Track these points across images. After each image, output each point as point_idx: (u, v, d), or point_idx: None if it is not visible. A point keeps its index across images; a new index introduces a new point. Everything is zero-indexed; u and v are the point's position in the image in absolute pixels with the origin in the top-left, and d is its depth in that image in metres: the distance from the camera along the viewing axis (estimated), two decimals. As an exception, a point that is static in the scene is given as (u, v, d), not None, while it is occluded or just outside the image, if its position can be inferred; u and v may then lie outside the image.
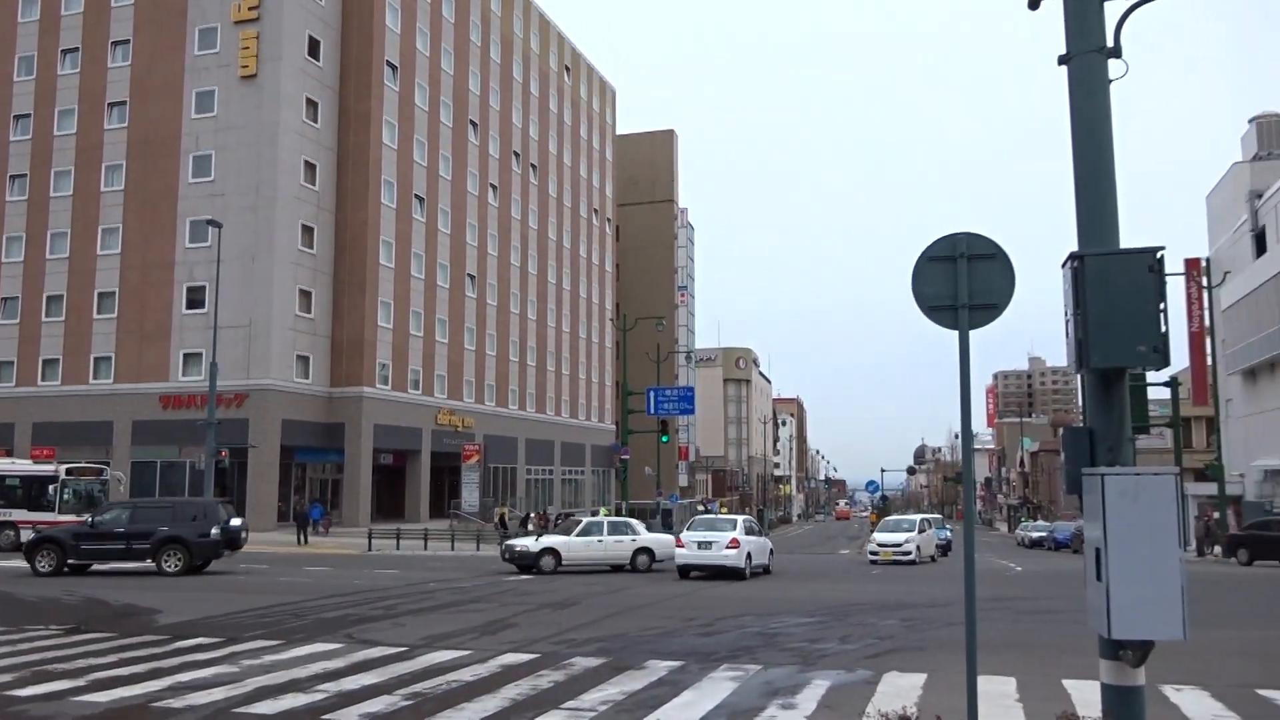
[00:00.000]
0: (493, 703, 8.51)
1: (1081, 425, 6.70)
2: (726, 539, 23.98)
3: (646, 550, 26.19)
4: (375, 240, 46.91)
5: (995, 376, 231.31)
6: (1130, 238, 6.50)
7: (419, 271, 50.52)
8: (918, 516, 37.18)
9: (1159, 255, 6.16)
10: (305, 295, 44.62)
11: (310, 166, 45.16)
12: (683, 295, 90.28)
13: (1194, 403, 49.51)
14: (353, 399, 45.64)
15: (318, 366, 45.28)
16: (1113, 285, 6.08)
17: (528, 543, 25.80)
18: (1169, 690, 8.94)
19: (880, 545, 31.74)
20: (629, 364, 53.48)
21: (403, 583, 21.35)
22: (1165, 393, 39.62)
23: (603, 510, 39.87)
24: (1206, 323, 43.89)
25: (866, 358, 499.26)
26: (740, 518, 26.42)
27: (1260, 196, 51.30)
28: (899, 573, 27.00)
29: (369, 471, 46.40)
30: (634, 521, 27.36)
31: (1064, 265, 6.52)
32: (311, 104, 45.40)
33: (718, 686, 9.34)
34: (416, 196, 50.61)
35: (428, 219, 51.51)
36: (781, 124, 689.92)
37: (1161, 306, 6.08)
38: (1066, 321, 6.54)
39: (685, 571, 24.12)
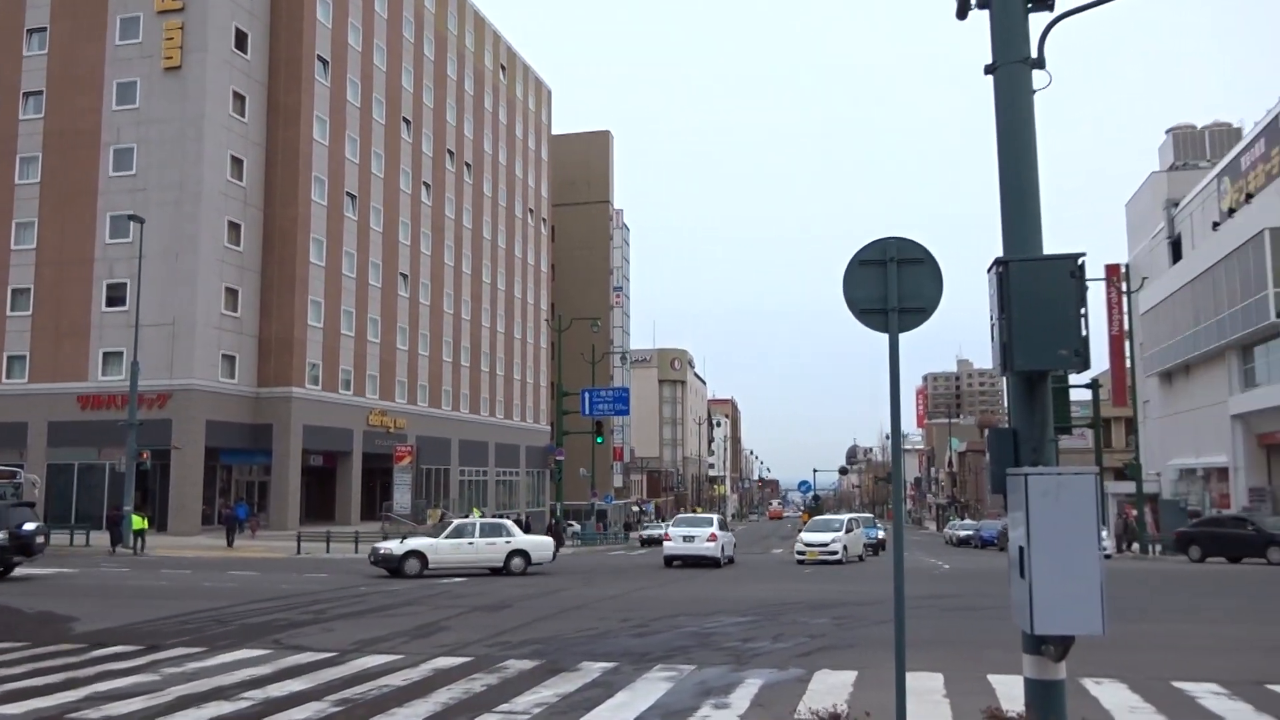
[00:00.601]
0: (424, 707, 8.43)
1: (1006, 427, 6.88)
2: (707, 534, 28.85)
3: (521, 553, 25.28)
4: (305, 238, 46.10)
5: (925, 378, 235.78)
6: (1053, 245, 6.71)
7: (350, 270, 49.78)
8: (845, 516, 37.08)
9: (1080, 261, 6.36)
10: (231, 293, 43.66)
11: (237, 162, 44.21)
12: (618, 296, 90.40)
13: (1114, 404, 51.09)
14: (281, 399, 44.78)
15: (245, 366, 44.33)
16: (1036, 290, 6.25)
17: (392, 545, 24.76)
18: (1089, 683, 9.21)
19: (807, 545, 31.71)
20: (564, 365, 53.41)
21: (332, 586, 21.01)
22: (1087, 394, 40.78)
23: (475, 512, 39.34)
24: (1126, 327, 45.31)
25: (800, 360, 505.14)
26: (715, 516, 31.94)
27: (1177, 205, 53.17)
28: (829, 572, 27.35)
29: (298, 473, 45.57)
30: (508, 523, 26.37)
31: (990, 270, 6.69)
32: (239, 97, 44.45)
33: (652, 687, 9.37)
34: (348, 194, 49.86)
35: (359, 217, 50.78)
36: (718, 129, 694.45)
37: (1082, 311, 6.27)
38: (992, 325, 6.71)
39: (670, 561, 28.69)
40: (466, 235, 62.85)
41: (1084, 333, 6.21)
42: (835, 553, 31.29)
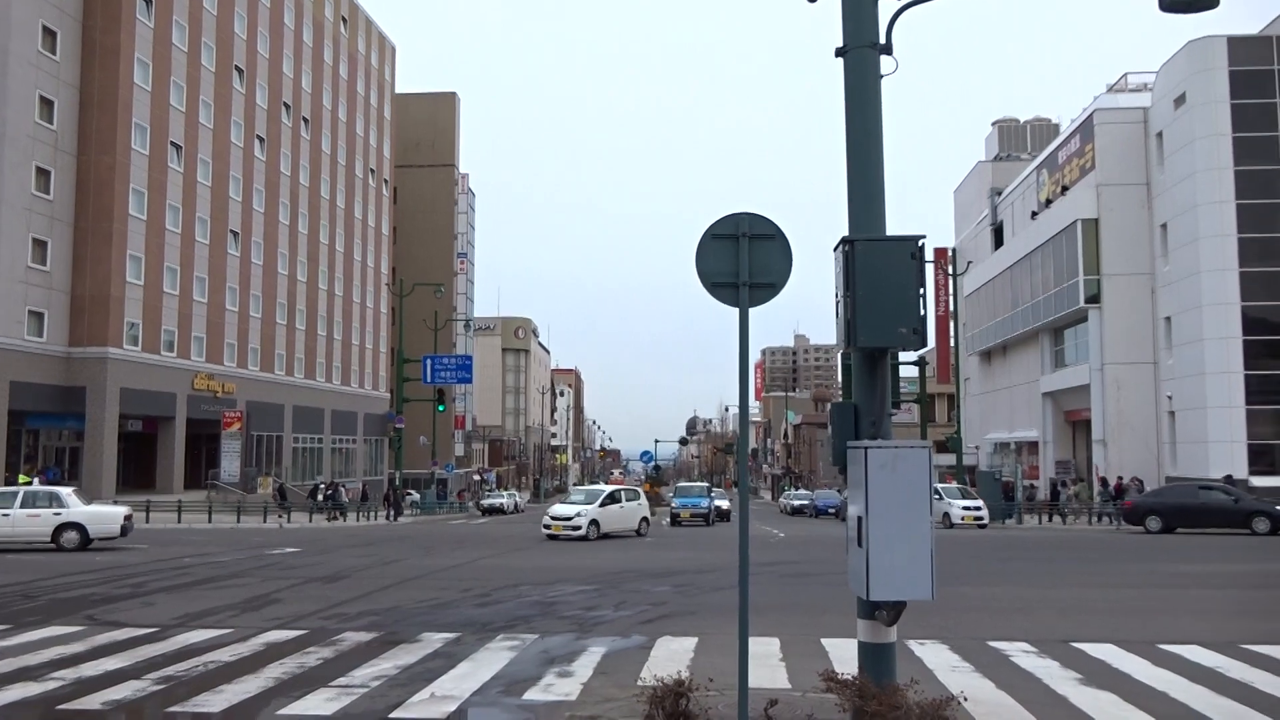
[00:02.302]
0: (255, 683, 8.13)
1: (847, 401, 7.14)
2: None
3: (76, 526, 22.34)
4: (124, 188, 43.18)
5: (764, 352, 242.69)
6: (889, 228, 6.96)
7: (174, 225, 46.98)
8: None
9: (920, 244, 6.63)
10: (40, 245, 40.51)
11: (47, 103, 40.90)
12: (462, 263, 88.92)
13: (938, 381, 53.98)
14: (96, 360, 41.99)
15: (54, 324, 41.30)
16: (879, 270, 6.49)
17: None
18: (913, 645, 9.74)
19: (554, 519, 28.48)
20: (405, 331, 52.18)
21: (152, 559, 19.95)
22: (914, 371, 42.90)
23: (21, 478, 35.82)
24: (951, 308, 47.82)
25: (643, 332, 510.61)
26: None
27: (1000, 194, 56.42)
28: (667, 539, 27.93)
29: (114, 439, 42.91)
30: (62, 491, 23.31)
31: (836, 249, 6.90)
32: (49, 33, 41.05)
33: (495, 657, 9.34)
34: (173, 144, 46.95)
35: (185, 169, 47.92)
36: (566, 98, 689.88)
37: (921, 291, 6.56)
38: (837, 302, 6.93)
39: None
40: (303, 193, 60.32)
41: (922, 312, 6.50)
42: (579, 527, 28.39)
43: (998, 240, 55.56)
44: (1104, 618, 12.14)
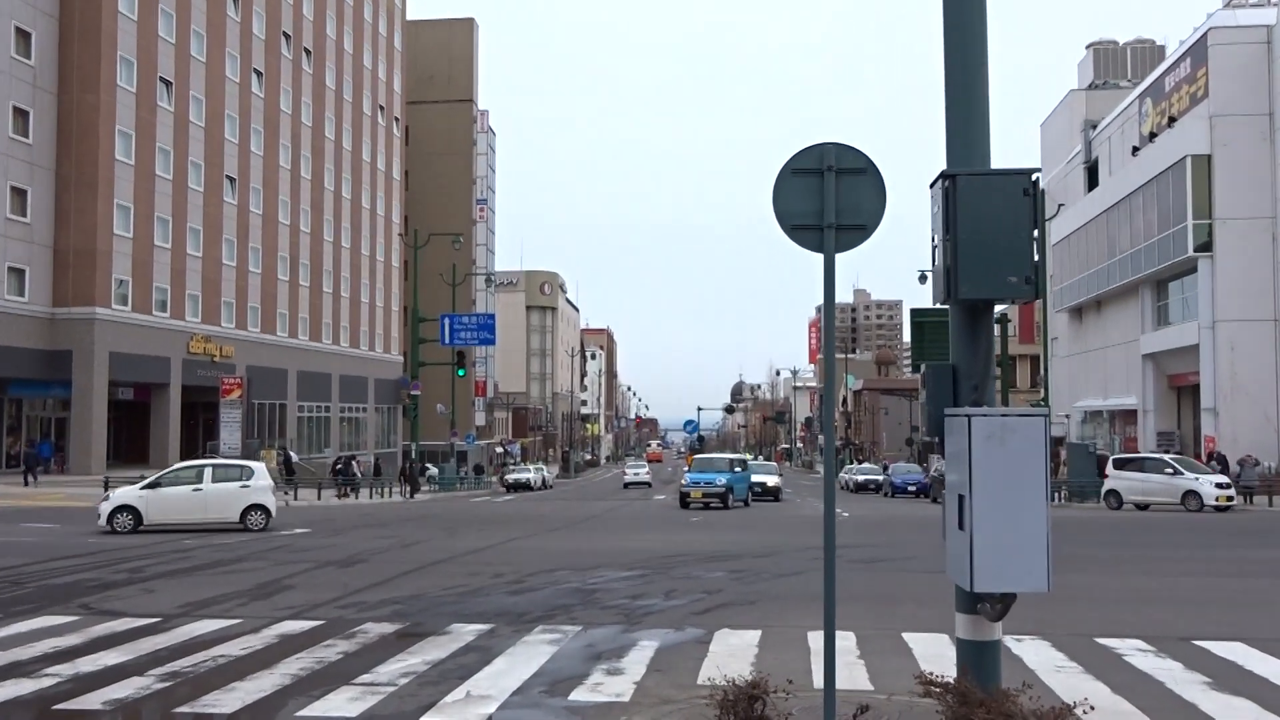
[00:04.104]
0: (270, 680, 8.13)
1: (944, 362, 6.90)
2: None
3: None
4: (110, 130, 43.47)
5: (818, 309, 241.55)
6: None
7: (166, 170, 47.30)
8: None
9: (1034, 178, 6.35)
10: (19, 194, 40.95)
11: (23, 35, 41.14)
12: (482, 210, 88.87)
13: (1020, 341, 53.31)
14: (82, 321, 42.54)
15: (37, 282, 41.85)
16: (986, 209, 6.21)
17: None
18: (1010, 641, 9.54)
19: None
20: (420, 287, 52.24)
21: (149, 541, 20.21)
22: (994, 329, 42.23)
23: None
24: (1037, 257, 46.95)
25: (685, 287, 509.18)
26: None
27: (1095, 127, 55.15)
28: (716, 519, 27.87)
29: (104, 408, 43.58)
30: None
31: (933, 185, 6.62)
32: (25, -44, 41.21)
33: (534, 651, 9.29)
34: (162, 80, 47.13)
35: (176, 108, 48.14)
36: (598, 23, 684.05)
37: (1035, 234, 6.29)
38: (934, 248, 6.67)
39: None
40: (306, 134, 60.45)
41: (1035, 258, 6.24)
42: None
43: (1091, 180, 54.43)
44: (1228, 610, 11.87)
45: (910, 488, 47.89)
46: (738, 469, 36.79)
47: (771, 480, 42.82)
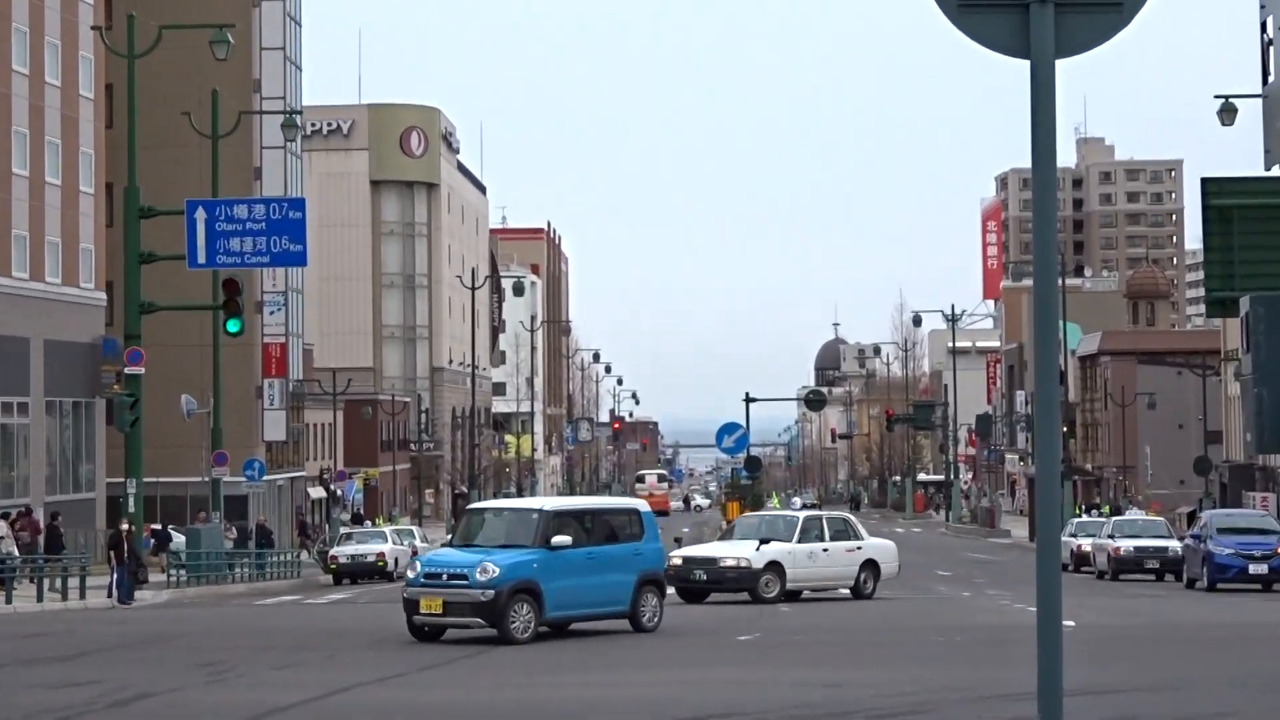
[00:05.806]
0: None
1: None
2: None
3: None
4: None
5: (1000, 183, 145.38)
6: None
7: None
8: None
9: None
10: None
11: None
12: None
13: None
14: None
15: None
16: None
17: None
18: None
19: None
20: (142, 143, 29.68)
21: None
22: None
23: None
24: None
25: (701, 184, 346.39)
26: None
27: None
28: (784, 629, 16.17)
29: None
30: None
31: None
32: None
33: None
34: None
35: None
36: None
37: None
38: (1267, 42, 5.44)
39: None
40: None
41: None
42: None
43: None
44: None
45: (1259, 567, 26.30)
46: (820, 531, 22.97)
47: (884, 556, 24.39)
